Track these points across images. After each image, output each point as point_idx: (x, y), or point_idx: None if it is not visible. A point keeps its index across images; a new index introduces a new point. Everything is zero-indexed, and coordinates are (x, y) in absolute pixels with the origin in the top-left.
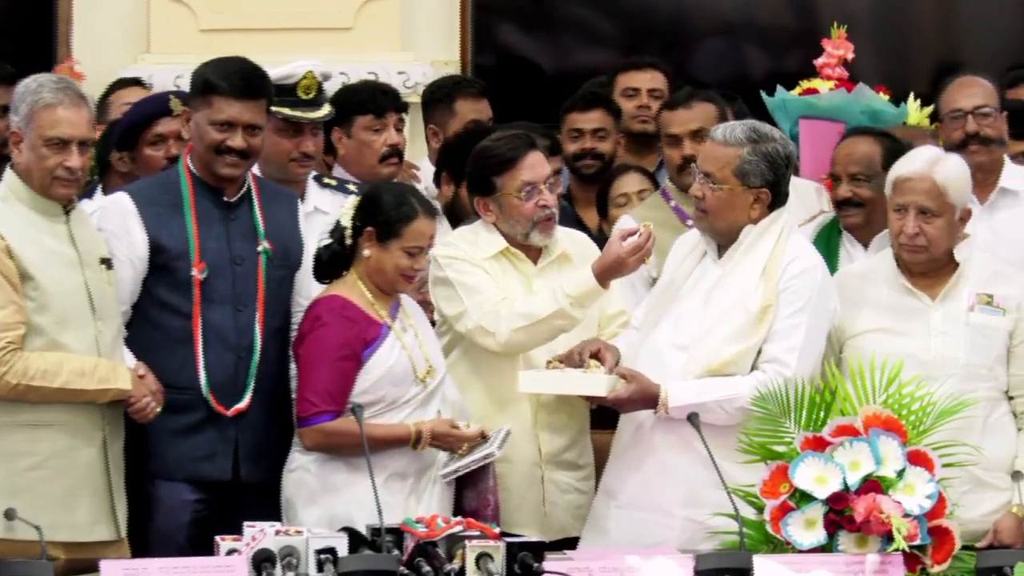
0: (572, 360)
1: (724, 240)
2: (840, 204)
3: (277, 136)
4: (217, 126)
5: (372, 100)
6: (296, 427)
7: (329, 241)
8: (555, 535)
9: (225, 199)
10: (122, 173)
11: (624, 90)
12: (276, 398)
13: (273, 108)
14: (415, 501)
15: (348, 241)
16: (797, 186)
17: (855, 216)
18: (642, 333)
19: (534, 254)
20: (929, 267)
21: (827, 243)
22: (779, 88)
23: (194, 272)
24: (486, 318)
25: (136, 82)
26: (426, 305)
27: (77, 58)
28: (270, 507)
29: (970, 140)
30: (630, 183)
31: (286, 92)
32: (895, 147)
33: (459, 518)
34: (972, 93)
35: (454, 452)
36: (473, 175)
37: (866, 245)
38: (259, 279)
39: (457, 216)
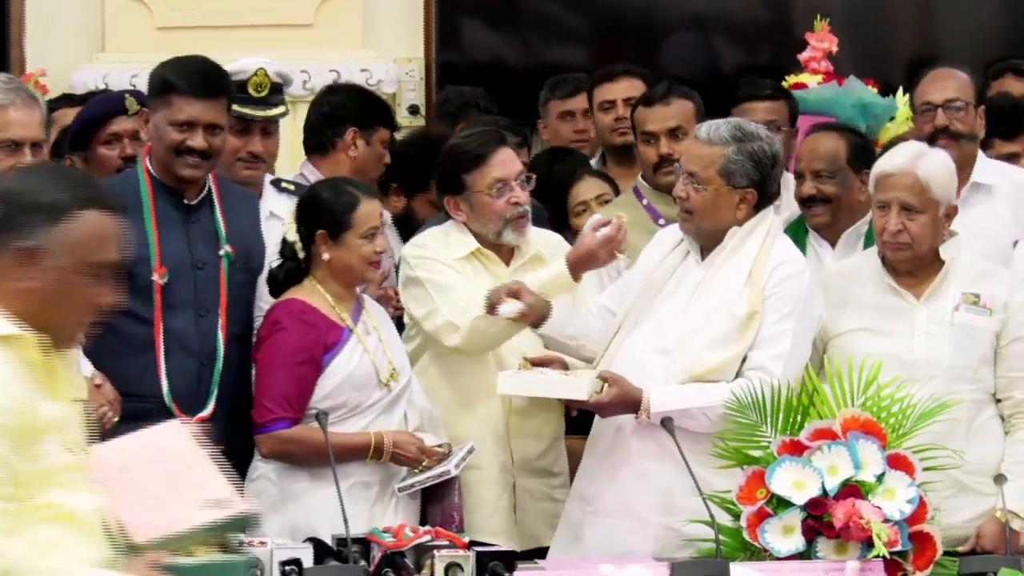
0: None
1: (709, 241)
2: (804, 202)
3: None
4: (177, 127)
5: (392, 116)
6: (253, 434)
7: (280, 261)
8: (528, 544)
9: (185, 201)
10: None
11: (600, 104)
12: (239, 405)
13: None
14: (380, 511)
15: (301, 254)
16: (789, 183)
17: (821, 215)
18: (620, 335)
19: (506, 255)
20: (914, 265)
21: (794, 233)
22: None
23: (155, 277)
24: (455, 313)
25: (82, 100)
26: (386, 301)
27: (28, 56)
28: None
29: (939, 134)
30: (588, 189)
31: (236, 89)
32: (861, 143)
33: (427, 527)
34: (944, 86)
35: (414, 467)
36: (442, 173)
37: (833, 244)
38: (221, 284)
39: (411, 227)
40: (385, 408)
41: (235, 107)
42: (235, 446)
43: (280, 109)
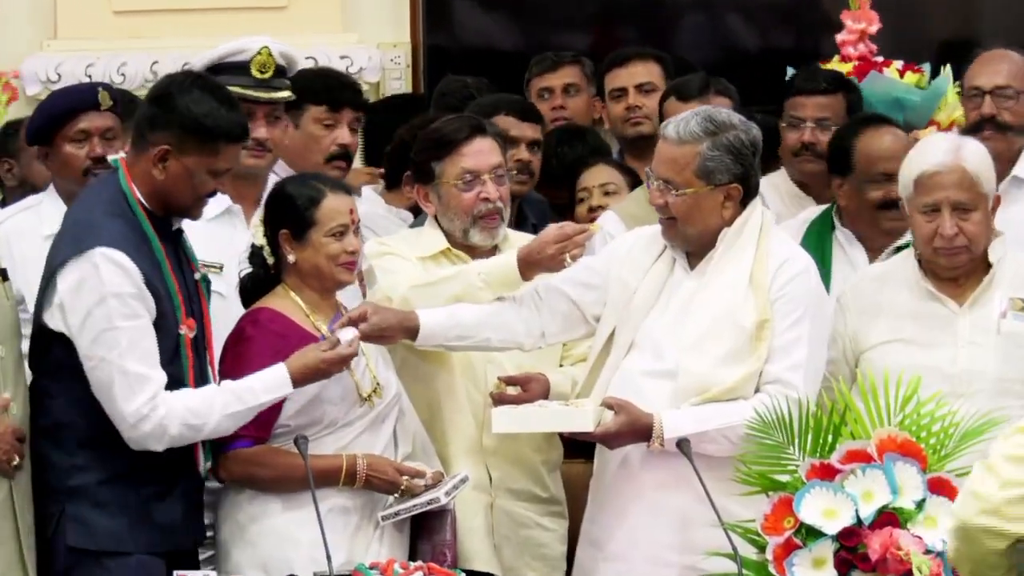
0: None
1: (696, 247)
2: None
3: None
4: (217, 174)
5: (328, 90)
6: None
7: (250, 269)
8: (508, 574)
9: (173, 228)
10: (11, 187)
11: (610, 92)
12: None
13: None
14: (362, 542)
15: (271, 260)
16: (778, 184)
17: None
18: (611, 359)
19: (483, 256)
20: (964, 270)
21: (819, 242)
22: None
23: (183, 331)
24: (391, 287)
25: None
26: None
27: None
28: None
29: (985, 123)
30: (592, 176)
31: (237, 70)
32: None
33: (419, 563)
34: (996, 71)
35: (394, 494)
36: (414, 160)
37: (870, 250)
38: (205, 313)
39: None
40: (369, 426)
41: (237, 89)
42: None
43: (285, 93)
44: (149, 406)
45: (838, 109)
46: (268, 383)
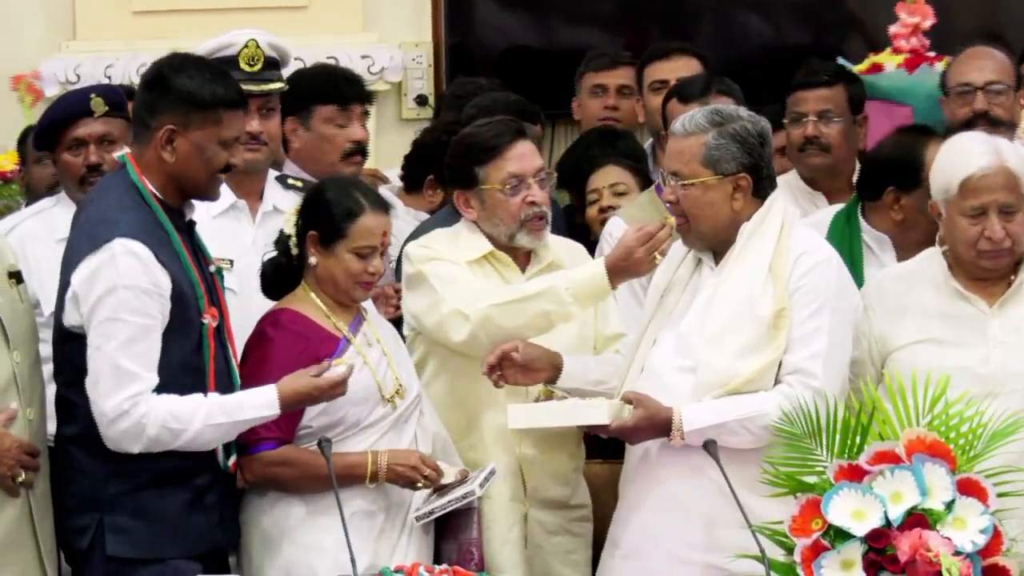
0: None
1: (715, 245)
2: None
3: None
4: (227, 144)
5: (335, 88)
6: (236, 459)
7: (274, 253)
8: None
9: (187, 220)
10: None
11: (650, 84)
12: None
13: None
14: (387, 545)
15: (295, 251)
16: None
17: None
18: (638, 354)
19: (522, 260)
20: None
21: (846, 244)
22: (839, 61)
23: (207, 320)
24: (463, 302)
25: None
26: (384, 300)
27: None
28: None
29: (978, 119)
30: (602, 177)
31: (227, 64)
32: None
33: (444, 567)
34: (983, 66)
35: (418, 486)
36: (453, 165)
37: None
38: (223, 305)
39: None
40: (391, 427)
41: None
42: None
43: (277, 84)
44: (130, 403)
45: (840, 101)
46: (256, 402)
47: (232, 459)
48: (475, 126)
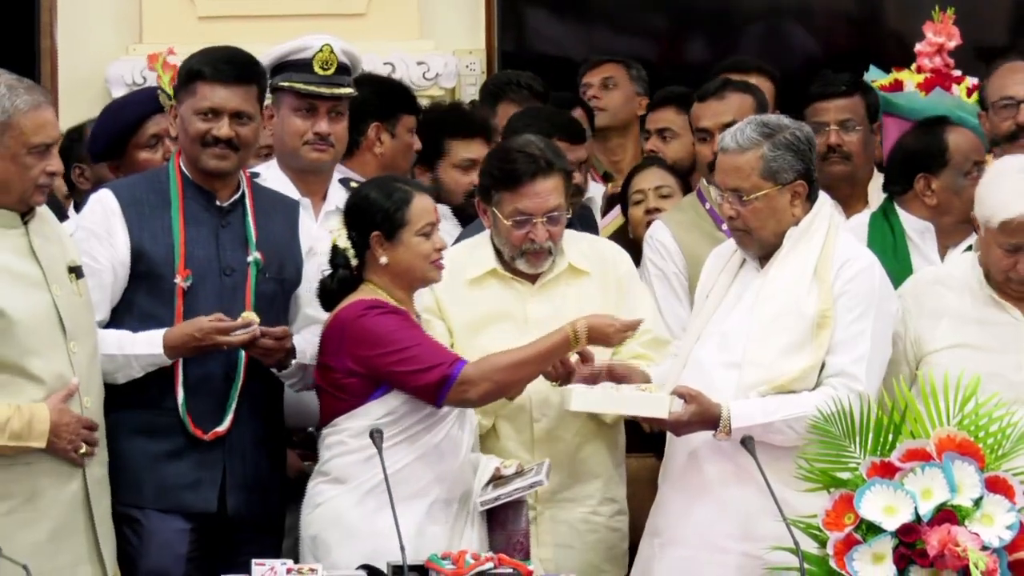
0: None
1: (772, 249)
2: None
3: (291, 115)
4: (202, 115)
5: (415, 101)
6: (438, 403)
7: (331, 270)
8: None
9: (217, 203)
10: (85, 191)
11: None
12: (265, 424)
13: (286, 83)
14: (458, 532)
15: (355, 261)
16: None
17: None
18: (683, 351)
19: (528, 279)
20: None
21: (889, 244)
22: (872, 70)
23: (177, 280)
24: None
25: None
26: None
27: (60, 47)
28: (264, 543)
29: (1021, 132)
30: (647, 179)
31: (300, 67)
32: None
33: (489, 553)
34: None
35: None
36: (481, 174)
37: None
38: (247, 292)
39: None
40: (457, 419)
41: (300, 85)
42: (261, 467)
43: (348, 90)
44: None
45: (858, 109)
46: (147, 339)
47: (217, 429)
48: (512, 147)
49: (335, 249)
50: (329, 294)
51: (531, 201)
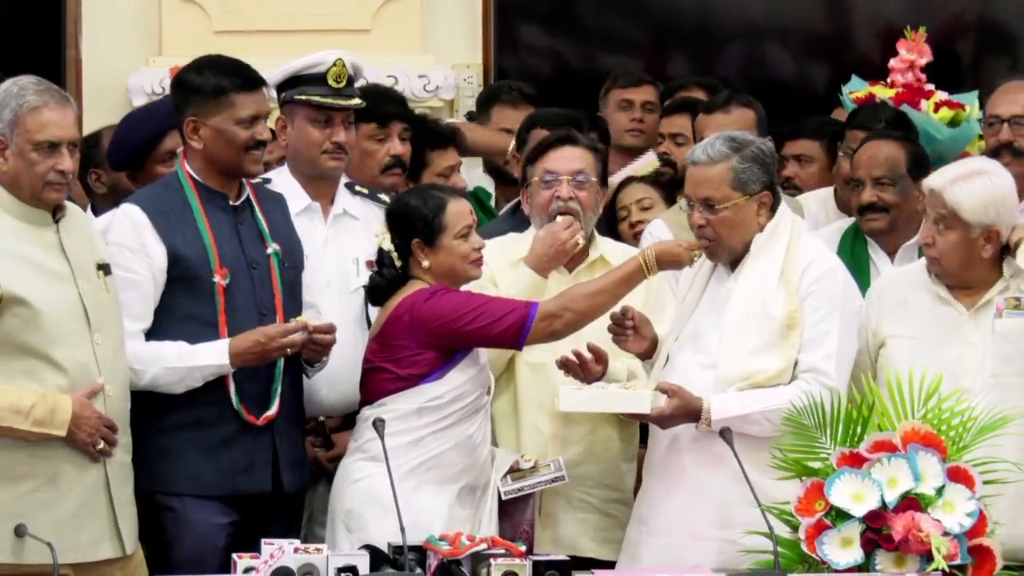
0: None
1: (740, 256)
2: (863, 209)
3: (308, 126)
4: (244, 124)
5: (375, 107)
6: (520, 343)
7: (377, 270)
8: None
9: (231, 203)
10: (101, 195)
11: (618, 103)
12: (298, 406)
13: (303, 97)
14: (478, 517)
15: (399, 263)
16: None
17: (879, 221)
18: (662, 349)
19: (571, 261)
20: (958, 280)
21: (852, 252)
22: (852, 80)
23: (216, 279)
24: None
25: None
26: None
27: (85, 57)
28: (297, 518)
29: (1003, 149)
30: (628, 195)
31: (316, 81)
32: (919, 151)
33: (483, 535)
34: (1014, 100)
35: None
36: (522, 166)
37: (891, 253)
38: (274, 282)
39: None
40: (484, 415)
41: (317, 99)
42: (300, 444)
43: (358, 100)
44: None
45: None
46: (210, 350)
47: (268, 413)
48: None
49: (380, 252)
50: (379, 290)
51: (557, 162)
